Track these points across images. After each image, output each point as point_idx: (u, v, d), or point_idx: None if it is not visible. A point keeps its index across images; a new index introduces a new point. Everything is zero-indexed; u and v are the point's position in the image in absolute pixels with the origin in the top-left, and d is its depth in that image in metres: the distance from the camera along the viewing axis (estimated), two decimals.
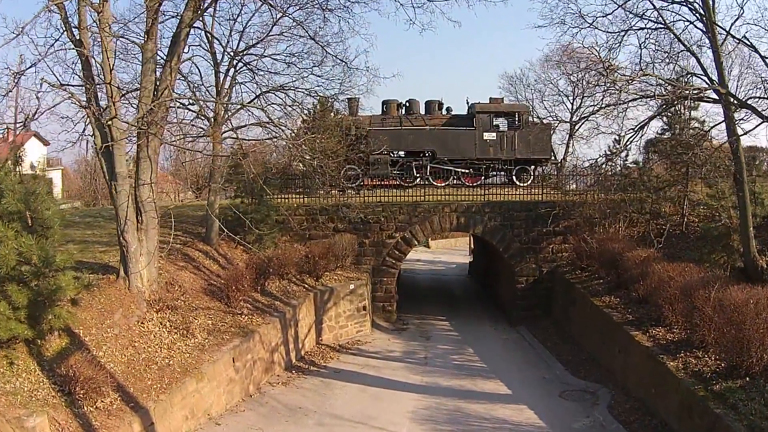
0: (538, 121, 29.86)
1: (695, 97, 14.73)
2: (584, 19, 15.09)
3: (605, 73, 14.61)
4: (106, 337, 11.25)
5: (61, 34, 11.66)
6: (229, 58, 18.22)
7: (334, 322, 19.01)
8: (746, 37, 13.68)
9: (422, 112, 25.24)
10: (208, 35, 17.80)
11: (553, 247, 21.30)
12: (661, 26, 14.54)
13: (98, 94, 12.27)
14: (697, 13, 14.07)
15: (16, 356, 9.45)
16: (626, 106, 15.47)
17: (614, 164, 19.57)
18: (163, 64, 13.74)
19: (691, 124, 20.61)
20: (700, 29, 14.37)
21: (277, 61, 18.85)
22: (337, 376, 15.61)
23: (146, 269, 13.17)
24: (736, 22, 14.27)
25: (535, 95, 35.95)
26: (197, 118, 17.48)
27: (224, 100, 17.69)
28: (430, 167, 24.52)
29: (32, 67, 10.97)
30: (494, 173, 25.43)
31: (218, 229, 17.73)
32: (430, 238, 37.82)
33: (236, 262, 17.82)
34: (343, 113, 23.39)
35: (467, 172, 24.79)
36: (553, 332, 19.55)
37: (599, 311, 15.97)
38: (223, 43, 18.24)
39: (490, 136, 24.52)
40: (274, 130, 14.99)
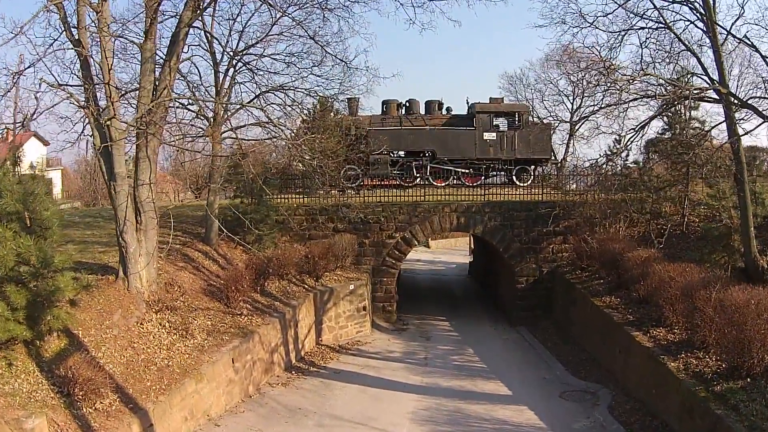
0: (538, 121, 29.88)
1: (696, 97, 14.72)
2: (584, 18, 15.09)
3: (606, 72, 14.58)
4: (105, 338, 11.22)
5: (60, 34, 11.66)
6: (228, 57, 18.20)
7: (333, 322, 18.98)
8: (747, 36, 13.69)
9: (422, 112, 25.21)
10: (207, 35, 17.78)
11: (553, 247, 21.27)
12: (661, 26, 14.52)
13: (97, 94, 12.25)
14: (697, 12, 14.06)
15: (14, 357, 9.43)
16: (627, 106, 15.44)
17: (615, 164, 19.52)
18: (162, 63, 13.71)
19: (691, 124, 20.57)
20: (700, 29, 14.37)
21: (276, 60, 18.83)
22: (336, 376, 15.59)
23: (145, 270, 13.14)
24: (736, 21, 14.37)
25: (535, 95, 35.94)
26: (196, 118, 17.44)
27: (224, 100, 17.65)
28: (430, 167, 24.50)
29: (31, 67, 10.96)
30: (494, 173, 25.40)
31: (218, 229, 17.70)
32: (430, 238, 37.79)
33: (236, 262, 17.79)
34: (342, 113, 23.36)
35: (467, 172, 24.76)
36: (553, 332, 19.53)
37: (600, 311, 15.94)
38: (222, 42, 18.24)
39: (490, 136, 24.50)
40: (273, 130, 15.00)
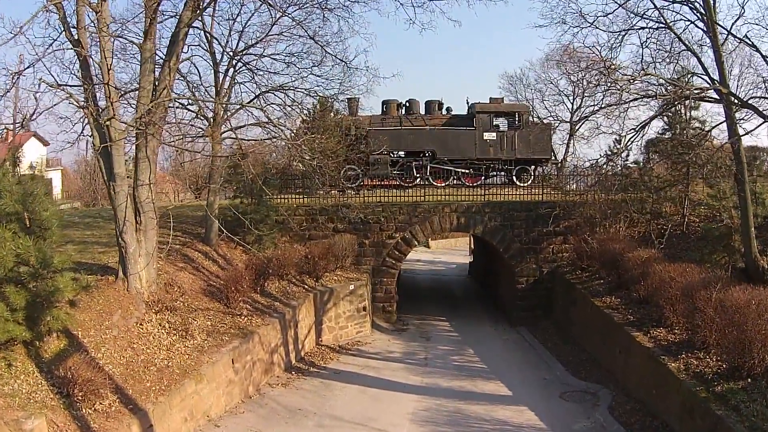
0: (538, 120, 29.85)
1: (696, 96, 14.69)
2: (585, 18, 15.07)
3: (606, 72, 14.56)
4: (104, 338, 11.21)
5: (59, 34, 11.64)
6: (228, 57, 18.19)
7: (333, 322, 18.96)
8: (747, 36, 13.68)
9: (422, 112, 25.18)
10: (207, 35, 17.77)
11: (553, 247, 21.25)
12: (662, 26, 14.50)
13: (96, 94, 12.24)
14: (697, 12, 14.04)
15: (14, 358, 9.42)
16: (627, 106, 15.43)
17: (615, 164, 19.49)
18: (161, 63, 13.69)
19: (691, 124, 20.54)
20: (701, 29, 14.35)
21: (276, 60, 18.81)
22: (336, 377, 15.58)
23: (145, 270, 13.13)
24: (737, 21, 14.30)
25: (535, 95, 35.95)
26: (196, 118, 17.43)
27: (223, 100, 17.64)
28: (430, 167, 24.47)
29: (30, 67, 10.92)
30: (494, 173, 25.38)
31: (217, 229, 17.68)
32: (430, 238, 37.77)
33: (236, 262, 17.78)
34: (342, 113, 23.34)
35: (467, 172, 24.74)
36: (553, 333, 19.51)
37: (600, 312, 15.93)
38: (222, 42, 18.22)
39: (490, 136, 24.47)
40: (273, 130, 14.99)
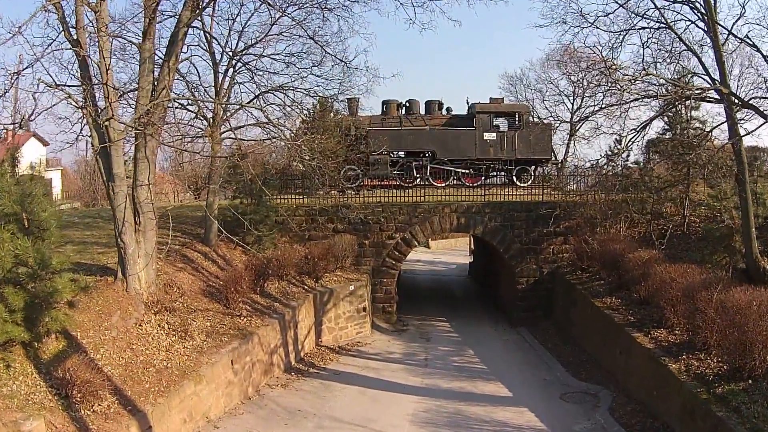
0: (538, 121, 29.82)
1: (697, 97, 14.64)
2: (585, 18, 15.01)
3: (607, 72, 14.52)
4: (103, 339, 11.18)
5: (58, 34, 11.61)
6: (227, 58, 18.17)
7: (333, 323, 18.93)
8: (748, 36, 13.63)
9: (422, 112, 25.15)
10: (206, 35, 17.75)
11: (553, 247, 21.22)
12: (662, 26, 14.45)
13: (96, 94, 12.20)
14: (698, 12, 13.99)
15: (12, 359, 9.39)
16: (628, 106, 15.38)
17: (615, 164, 19.46)
18: (161, 64, 13.65)
19: (692, 124, 20.51)
20: (701, 29, 14.30)
21: (276, 61, 18.78)
22: (336, 378, 15.54)
23: (144, 271, 13.10)
24: (737, 21, 14.22)
25: (535, 95, 35.94)
26: (196, 118, 17.41)
27: (223, 100, 17.61)
28: (430, 167, 24.44)
29: (29, 67, 10.88)
30: (494, 173, 25.35)
31: (217, 230, 17.64)
32: (430, 238, 37.75)
33: (235, 263, 17.75)
34: (342, 113, 23.30)
35: (467, 172, 24.71)
36: (553, 333, 19.48)
37: (600, 312, 15.89)
38: (221, 42, 18.20)
39: (490, 136, 24.44)
40: (273, 130, 14.97)
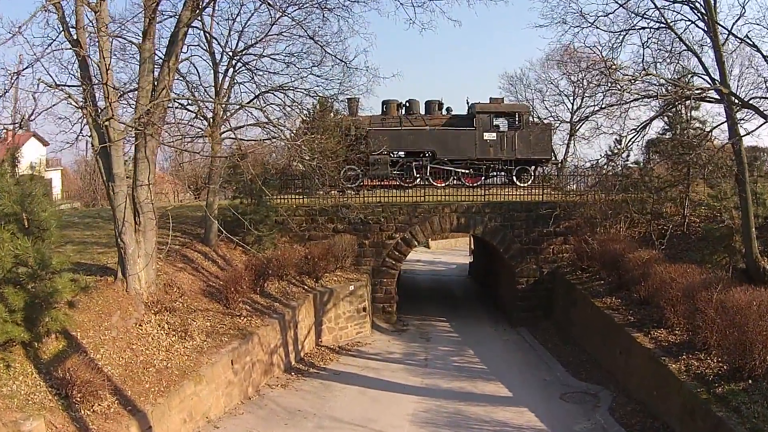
0: (538, 121, 29.82)
1: (697, 97, 14.63)
2: (585, 18, 15.00)
3: (607, 72, 14.51)
4: (103, 339, 11.18)
5: (58, 34, 11.61)
6: (227, 58, 18.16)
7: (333, 323, 18.92)
8: (748, 36, 13.62)
9: (422, 112, 25.14)
10: (206, 35, 17.75)
11: (553, 247, 21.22)
12: (662, 26, 14.45)
13: (96, 94, 12.20)
14: (698, 12, 13.98)
15: (12, 359, 9.40)
16: (628, 106, 15.37)
17: (615, 165, 19.45)
18: (161, 64, 13.65)
19: (692, 124, 20.51)
20: (701, 29, 14.29)
21: (276, 61, 18.78)
22: (336, 378, 15.54)
23: (144, 271, 13.10)
24: (737, 21, 14.23)
25: (535, 95, 35.91)
26: (196, 118, 17.40)
27: (223, 100, 17.60)
28: (430, 167, 24.43)
29: (29, 67, 10.88)
30: (494, 173, 25.34)
31: (217, 230, 17.64)
32: (430, 238, 37.73)
33: (235, 263, 17.75)
34: (342, 113, 23.29)
35: (467, 172, 24.70)
36: (553, 333, 19.47)
37: (600, 312, 15.89)
38: (221, 42, 18.20)
39: (490, 136, 24.43)
40: (273, 130, 14.95)
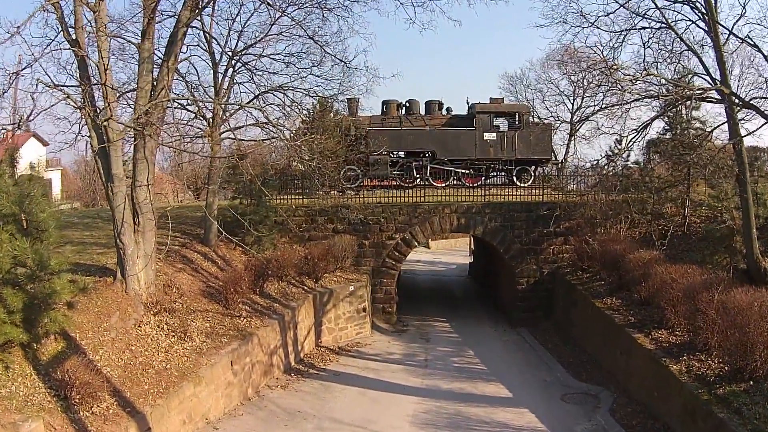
0: (538, 121, 29.78)
1: (698, 97, 14.60)
2: (586, 18, 14.98)
3: (608, 72, 14.48)
4: (102, 340, 11.14)
5: (57, 34, 11.58)
6: (227, 58, 18.14)
7: (333, 324, 18.88)
8: (749, 36, 13.61)
9: (422, 112, 25.10)
10: (206, 35, 17.72)
11: (554, 248, 21.18)
12: (663, 26, 14.42)
13: (94, 94, 12.17)
14: (699, 12, 13.96)
15: (11, 360, 9.38)
16: (629, 106, 15.34)
17: (616, 165, 19.42)
18: (160, 64, 13.61)
19: (692, 124, 20.48)
20: (702, 29, 14.26)
21: (275, 61, 18.76)
22: (336, 378, 15.51)
23: (143, 271, 13.06)
24: (738, 21, 14.31)
25: (535, 95, 35.90)
26: (195, 118, 17.38)
27: (222, 100, 17.57)
28: (430, 168, 24.40)
29: (28, 67, 10.85)
30: (494, 174, 25.30)
31: (216, 230, 17.61)
32: (430, 239, 37.68)
33: (235, 263, 17.71)
34: (342, 113, 23.26)
35: (467, 172, 24.66)
36: (554, 334, 19.44)
37: (601, 313, 15.86)
38: (221, 42, 18.18)
39: (490, 136, 24.40)
40: (272, 130, 14.91)
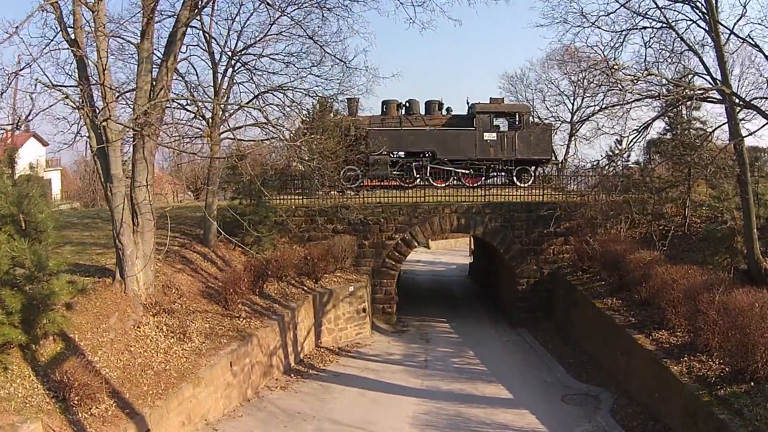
0: (538, 121, 29.72)
1: (699, 97, 14.56)
2: (586, 18, 14.92)
3: (609, 72, 14.43)
4: (101, 341, 11.11)
5: (56, 33, 11.57)
6: (227, 58, 18.12)
7: (333, 324, 18.85)
8: (750, 36, 13.56)
9: (422, 112, 25.06)
10: (205, 35, 17.69)
11: (554, 248, 21.14)
12: (664, 25, 14.38)
13: (93, 94, 12.13)
14: (699, 12, 13.93)
15: (10, 362, 9.34)
16: (629, 106, 15.30)
17: (616, 165, 19.37)
18: (159, 64, 13.57)
19: (693, 124, 20.44)
20: (703, 28, 14.23)
21: (275, 60, 18.75)
22: (336, 379, 15.47)
23: (142, 272, 13.03)
24: (739, 21, 14.27)
25: (535, 95, 35.83)
26: (195, 118, 17.35)
27: (222, 100, 17.55)
28: (430, 168, 24.36)
29: (26, 67, 10.83)
30: (494, 174, 25.26)
31: (216, 230, 17.57)
32: (430, 239, 37.63)
33: (234, 264, 17.68)
34: (342, 113, 23.23)
35: (467, 172, 24.62)
36: (554, 334, 19.40)
37: (601, 314, 15.82)
38: (220, 42, 18.15)
39: (490, 136, 24.35)
40: (272, 130, 14.86)
